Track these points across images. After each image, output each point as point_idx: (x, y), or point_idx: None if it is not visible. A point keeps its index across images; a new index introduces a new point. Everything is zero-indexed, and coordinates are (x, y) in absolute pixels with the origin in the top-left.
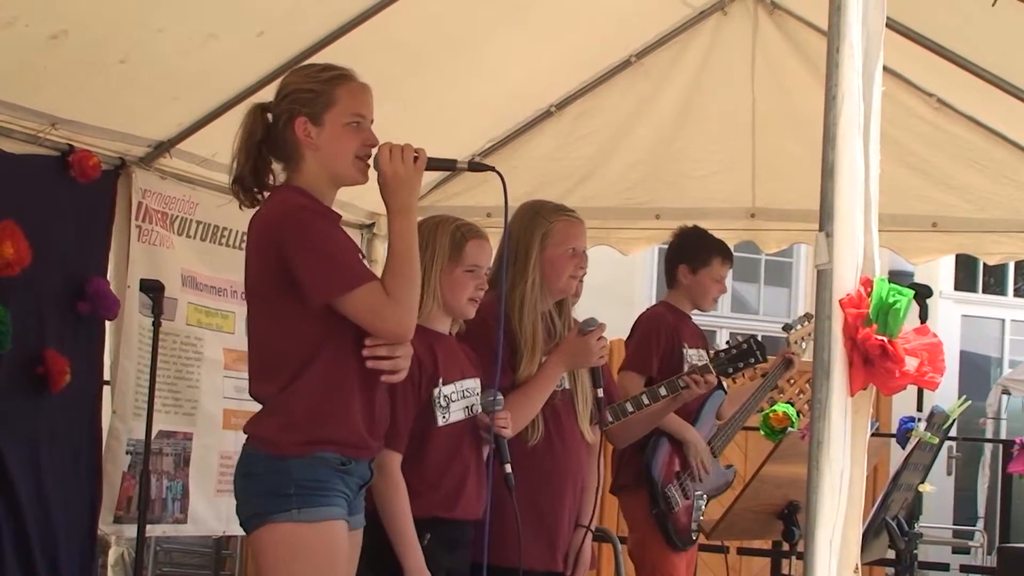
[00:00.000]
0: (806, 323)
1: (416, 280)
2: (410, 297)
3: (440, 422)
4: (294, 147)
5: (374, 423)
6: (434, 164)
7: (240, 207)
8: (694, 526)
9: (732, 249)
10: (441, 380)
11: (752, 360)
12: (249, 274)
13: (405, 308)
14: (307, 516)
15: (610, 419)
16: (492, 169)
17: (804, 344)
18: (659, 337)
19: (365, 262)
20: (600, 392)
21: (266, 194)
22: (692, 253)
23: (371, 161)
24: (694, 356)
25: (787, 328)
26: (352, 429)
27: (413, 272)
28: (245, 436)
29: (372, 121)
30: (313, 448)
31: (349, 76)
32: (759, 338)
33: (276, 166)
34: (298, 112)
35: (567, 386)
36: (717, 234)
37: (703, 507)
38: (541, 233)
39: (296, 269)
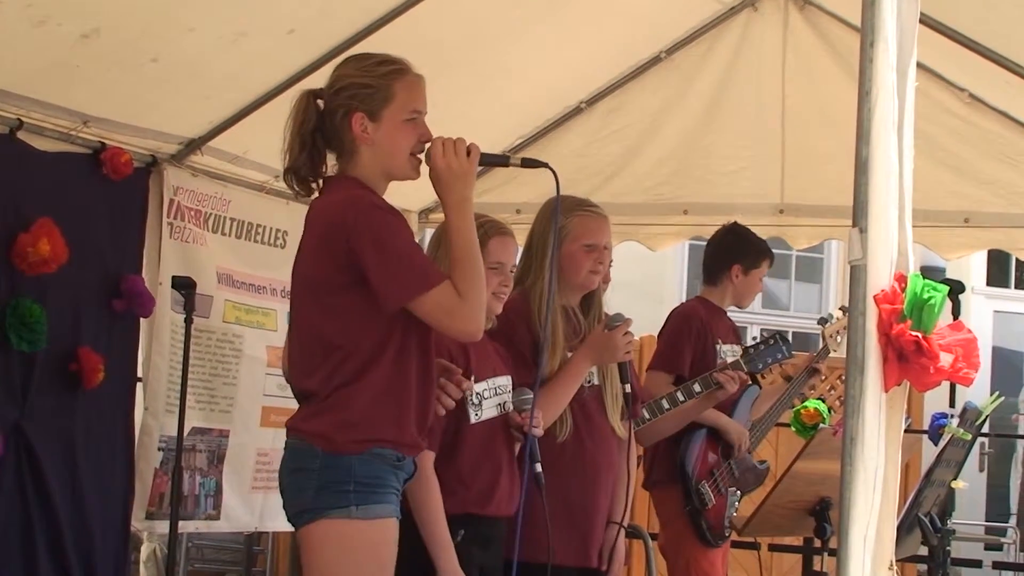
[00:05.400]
0: (841, 316)
1: (481, 276)
2: (479, 293)
3: (473, 419)
4: (350, 141)
5: (426, 422)
6: (487, 159)
7: (288, 201)
8: (727, 522)
9: None
10: (474, 378)
11: (779, 356)
12: (306, 265)
13: (475, 305)
14: (364, 513)
15: (647, 416)
16: (545, 165)
17: (839, 338)
18: (690, 334)
19: None
20: (628, 388)
21: (320, 183)
22: (746, 254)
23: (423, 156)
24: (728, 352)
25: (822, 322)
26: (406, 429)
27: (477, 268)
28: (287, 432)
29: (426, 113)
30: (371, 444)
31: (405, 69)
32: (787, 334)
33: (331, 155)
34: (355, 107)
35: (596, 382)
36: None
37: (736, 504)
38: (557, 228)
39: (368, 270)
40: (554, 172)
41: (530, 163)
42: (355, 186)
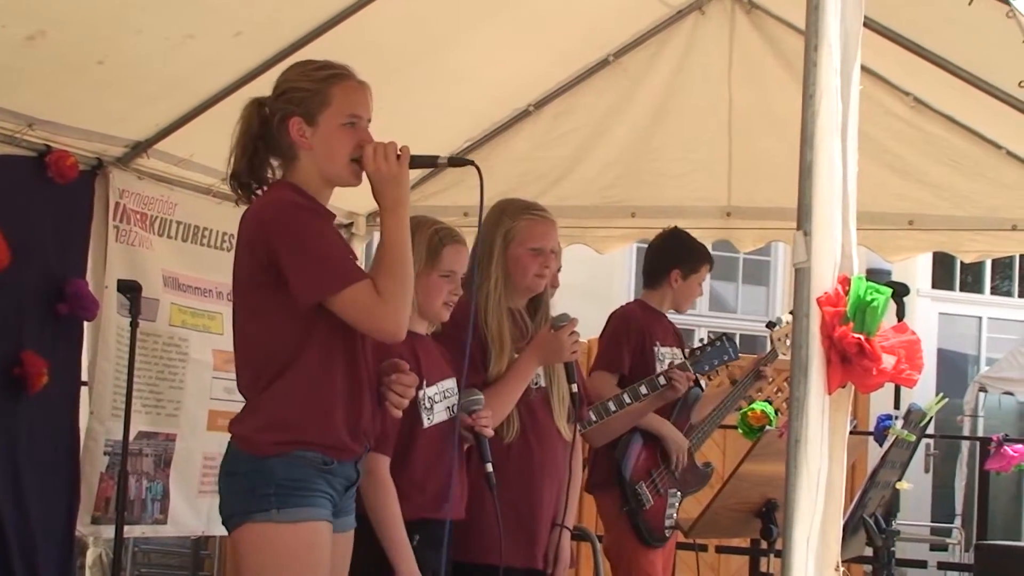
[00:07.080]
0: (790, 320)
1: (407, 278)
2: (400, 295)
3: (426, 423)
4: (289, 146)
5: (358, 426)
6: (417, 162)
7: (236, 203)
8: (668, 523)
9: (709, 248)
10: (425, 382)
11: (726, 357)
12: (237, 269)
13: (395, 306)
14: (286, 516)
15: (593, 418)
16: (471, 163)
17: (788, 341)
18: (629, 335)
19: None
20: (575, 388)
21: (265, 189)
22: (686, 259)
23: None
24: (667, 354)
25: (771, 325)
26: (332, 432)
27: (404, 270)
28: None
29: (369, 120)
30: (293, 448)
31: (345, 74)
32: (735, 336)
33: (274, 161)
34: (292, 112)
35: (543, 384)
36: (693, 233)
37: (677, 504)
38: (504, 231)
39: (285, 268)
40: (478, 170)
41: (457, 162)
42: (288, 190)
